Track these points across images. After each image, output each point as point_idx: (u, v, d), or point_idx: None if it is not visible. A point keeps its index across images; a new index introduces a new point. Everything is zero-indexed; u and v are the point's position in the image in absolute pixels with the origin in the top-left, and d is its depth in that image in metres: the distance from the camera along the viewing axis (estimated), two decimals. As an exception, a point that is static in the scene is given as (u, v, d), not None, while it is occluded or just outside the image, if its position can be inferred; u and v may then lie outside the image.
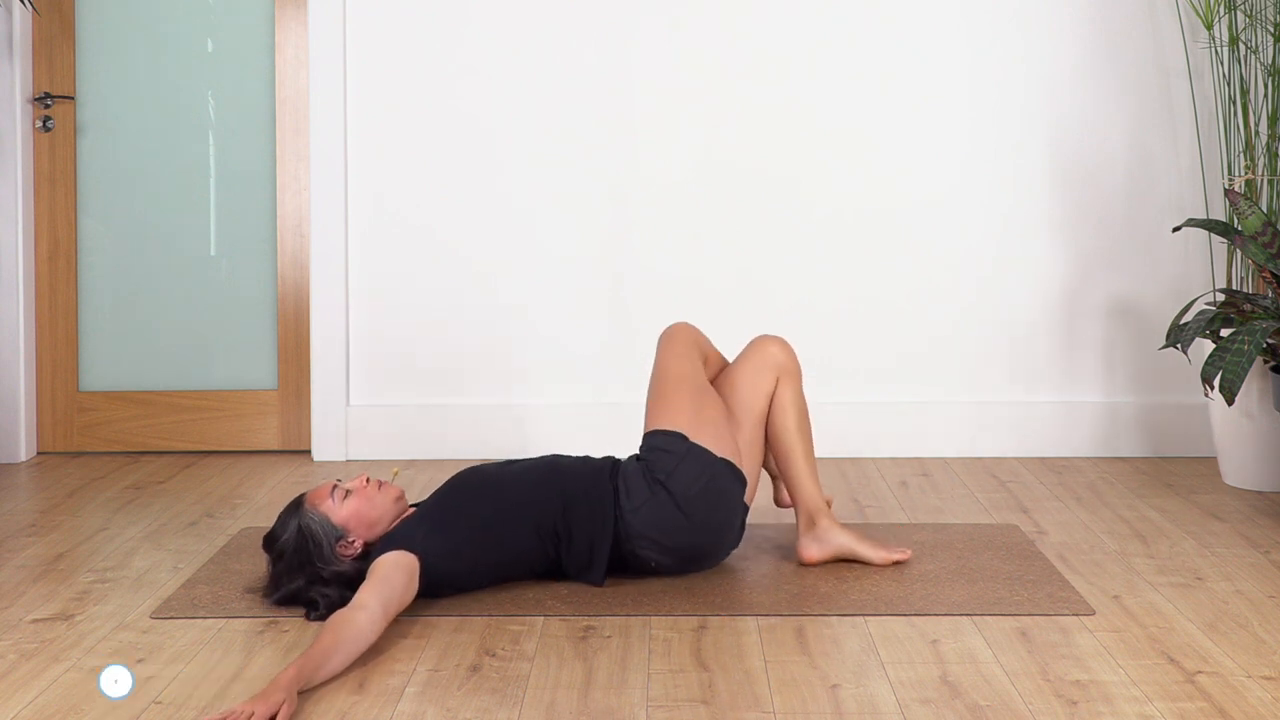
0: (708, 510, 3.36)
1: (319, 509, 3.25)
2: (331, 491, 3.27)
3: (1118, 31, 4.92)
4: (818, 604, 3.27)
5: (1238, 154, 4.74)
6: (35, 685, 2.81)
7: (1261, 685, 2.78)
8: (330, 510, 3.25)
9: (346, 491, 3.28)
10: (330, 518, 3.24)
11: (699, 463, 3.36)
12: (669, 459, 3.36)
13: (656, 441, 3.40)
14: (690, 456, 3.36)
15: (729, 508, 3.40)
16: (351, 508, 3.26)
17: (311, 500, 3.27)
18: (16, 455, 4.93)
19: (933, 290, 4.97)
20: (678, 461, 3.35)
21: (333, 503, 3.26)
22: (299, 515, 3.24)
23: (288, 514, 3.27)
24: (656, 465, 3.36)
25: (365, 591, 2.99)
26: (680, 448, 3.37)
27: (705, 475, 3.35)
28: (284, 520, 3.26)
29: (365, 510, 3.27)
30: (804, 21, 4.93)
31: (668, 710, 2.67)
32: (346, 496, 3.27)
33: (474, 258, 4.96)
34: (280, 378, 5.03)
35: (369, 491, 3.29)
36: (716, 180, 4.95)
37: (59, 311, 5.03)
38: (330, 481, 3.33)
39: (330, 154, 4.92)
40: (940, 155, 4.95)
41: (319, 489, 3.31)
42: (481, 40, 4.93)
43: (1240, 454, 4.43)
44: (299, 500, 3.29)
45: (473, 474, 3.40)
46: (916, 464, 4.86)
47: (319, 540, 3.21)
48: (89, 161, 5.02)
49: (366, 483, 3.30)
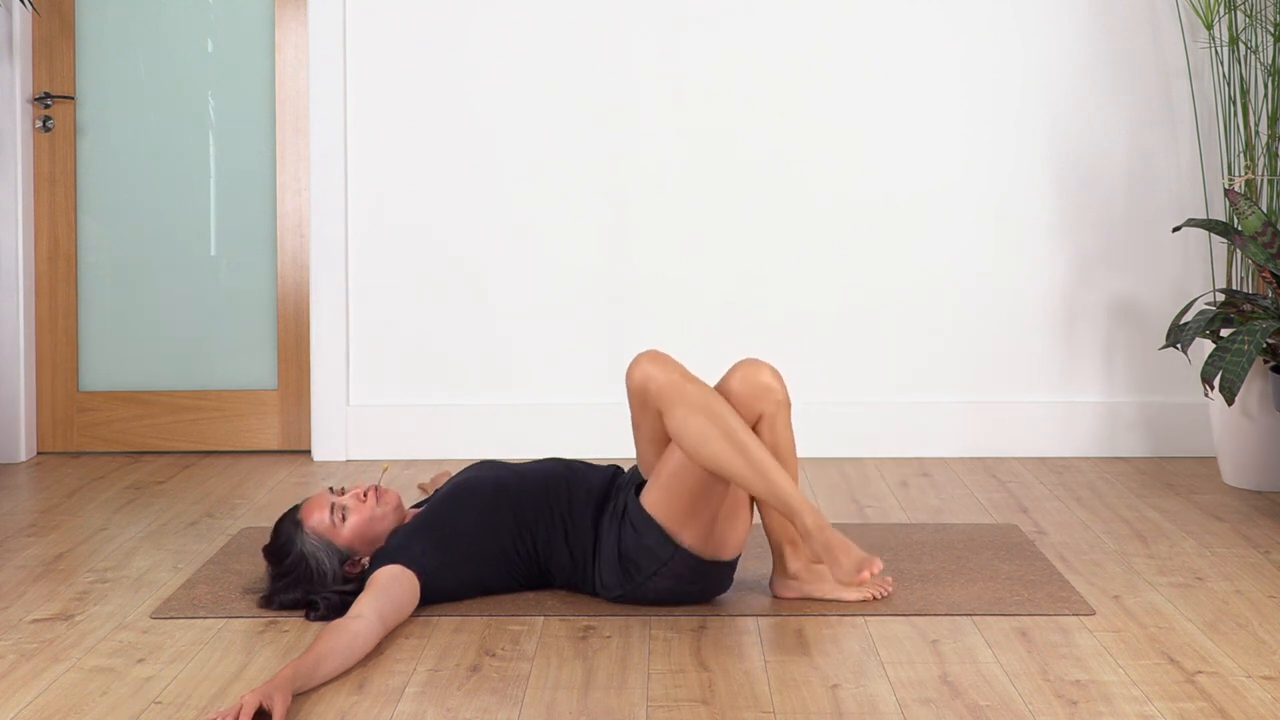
0: (683, 598, 3.26)
1: (320, 534, 3.20)
2: (330, 514, 3.21)
3: (1118, 31, 4.92)
4: (818, 604, 3.27)
5: (1238, 154, 4.74)
6: (35, 685, 2.81)
7: (1261, 685, 2.78)
8: (333, 535, 3.21)
9: (344, 511, 3.22)
10: (334, 542, 3.21)
11: (682, 567, 3.18)
12: (651, 562, 3.18)
13: (644, 531, 3.17)
14: (674, 562, 3.17)
15: (706, 591, 3.27)
16: (353, 528, 3.22)
17: (311, 525, 3.21)
18: (16, 455, 4.93)
19: (933, 290, 4.97)
20: (659, 566, 3.18)
21: (333, 526, 3.21)
22: (300, 539, 3.20)
23: (288, 534, 3.22)
24: (637, 563, 3.19)
25: (363, 602, 2.98)
26: (666, 553, 3.16)
27: (685, 579, 3.21)
28: (284, 540, 3.22)
29: (367, 528, 3.23)
30: (805, 24, 4.92)
31: (668, 710, 2.67)
32: (345, 518, 3.22)
33: (473, 257, 4.96)
34: (280, 378, 5.03)
35: (368, 507, 3.24)
36: (716, 180, 4.95)
37: (59, 311, 5.03)
38: (325, 496, 3.25)
39: (330, 154, 4.92)
40: (940, 155, 4.95)
41: (315, 504, 3.24)
42: (482, 40, 4.93)
43: (1240, 454, 4.43)
44: (297, 521, 3.23)
45: (473, 487, 3.30)
46: (916, 464, 4.86)
47: (324, 568, 3.18)
48: (89, 161, 5.03)
49: (364, 497, 3.25)
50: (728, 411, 3.08)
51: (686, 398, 3.07)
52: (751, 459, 3.04)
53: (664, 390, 3.09)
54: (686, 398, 3.07)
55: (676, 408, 3.07)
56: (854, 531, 3.90)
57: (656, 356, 3.13)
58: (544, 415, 4.96)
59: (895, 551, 3.70)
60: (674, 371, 3.11)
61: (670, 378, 3.10)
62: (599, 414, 4.95)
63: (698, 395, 3.08)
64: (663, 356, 3.14)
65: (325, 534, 3.20)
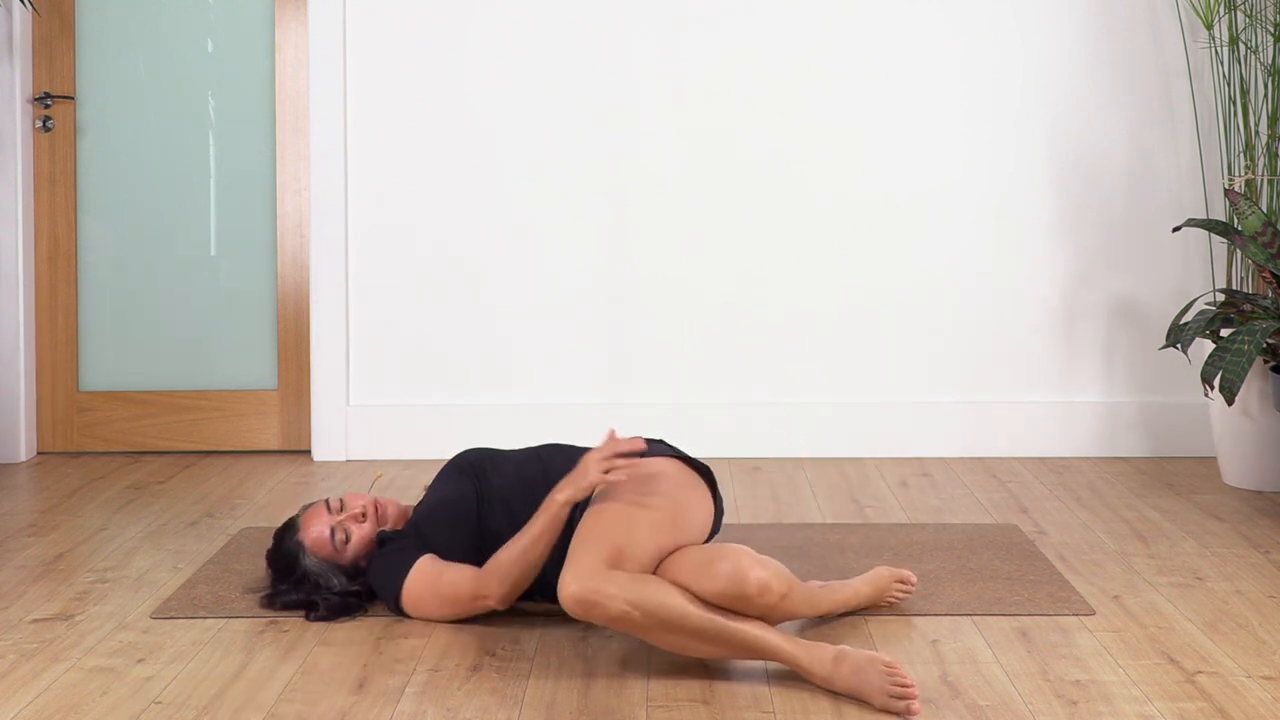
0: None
1: (322, 557, 3.21)
2: (332, 538, 3.20)
3: (1118, 31, 4.92)
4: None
5: (1238, 154, 4.74)
6: (35, 685, 2.81)
7: (1261, 685, 2.78)
8: (336, 558, 3.21)
9: (346, 533, 3.21)
10: (338, 563, 3.22)
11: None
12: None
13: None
14: None
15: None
16: (356, 549, 3.22)
17: (313, 549, 3.21)
18: (16, 455, 4.93)
19: (933, 290, 4.97)
20: None
21: (335, 551, 3.20)
22: (304, 560, 3.21)
23: (291, 553, 3.22)
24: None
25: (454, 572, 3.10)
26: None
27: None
28: (288, 560, 3.22)
29: (370, 547, 3.25)
30: (805, 24, 4.92)
31: (668, 710, 2.67)
32: (348, 539, 3.21)
33: (473, 257, 4.96)
34: (280, 378, 5.03)
35: (369, 526, 3.23)
36: (716, 180, 4.95)
37: (59, 311, 5.03)
38: (323, 514, 3.23)
39: (330, 154, 4.92)
40: (940, 155, 4.95)
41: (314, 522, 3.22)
42: (482, 40, 4.93)
43: (1240, 454, 4.43)
44: (298, 541, 3.22)
45: (459, 501, 3.21)
46: (916, 464, 4.85)
47: (330, 582, 3.20)
48: (89, 161, 5.02)
49: (363, 518, 3.23)
50: (681, 612, 2.75)
51: (638, 626, 2.76)
52: (731, 644, 2.78)
53: (614, 625, 2.78)
54: (638, 626, 2.76)
55: (638, 635, 2.79)
56: (854, 531, 3.90)
57: (583, 599, 2.73)
58: (544, 415, 4.96)
59: (895, 551, 3.70)
60: (614, 602, 2.74)
61: (611, 613, 2.74)
62: (599, 414, 4.95)
63: (645, 619, 2.75)
64: (590, 601, 2.74)
65: (328, 557, 3.21)
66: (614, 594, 2.72)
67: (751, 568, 2.73)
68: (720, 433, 4.96)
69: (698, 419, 4.95)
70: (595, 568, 2.74)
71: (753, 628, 2.76)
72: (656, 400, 4.97)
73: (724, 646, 2.77)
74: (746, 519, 4.09)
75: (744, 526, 3.98)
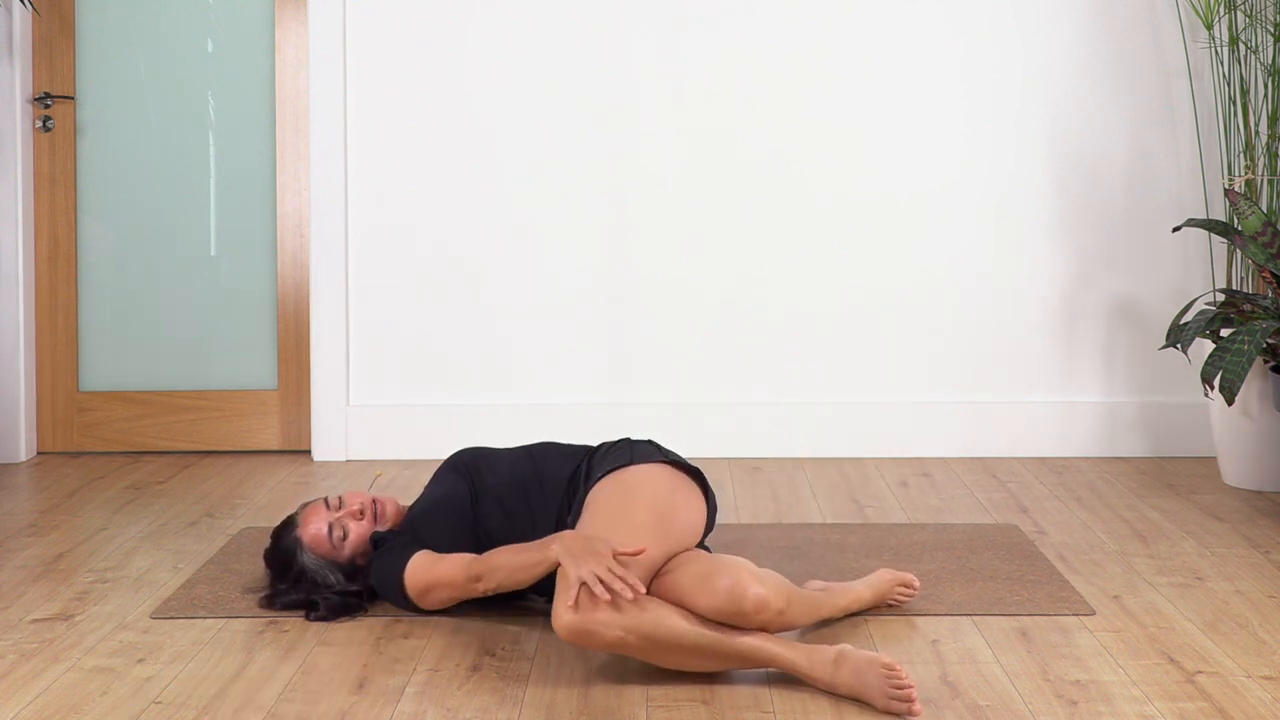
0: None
1: (320, 554, 3.21)
2: (330, 535, 3.21)
3: (1118, 31, 4.92)
4: (818, 604, 3.27)
5: (1238, 154, 4.74)
6: (35, 685, 2.81)
7: (1261, 685, 2.78)
8: (334, 555, 3.22)
9: (345, 530, 3.22)
10: (336, 561, 3.22)
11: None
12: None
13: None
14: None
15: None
16: (354, 546, 3.23)
17: (312, 546, 3.21)
18: (16, 455, 4.93)
19: (933, 290, 4.97)
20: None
21: (334, 548, 3.21)
22: (302, 557, 3.21)
23: (289, 551, 3.23)
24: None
25: (449, 560, 3.10)
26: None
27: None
28: (286, 559, 3.23)
29: (369, 545, 3.25)
30: (805, 24, 4.92)
31: (668, 710, 2.67)
32: (346, 536, 3.22)
33: (473, 257, 4.96)
34: (280, 378, 5.03)
35: (366, 524, 3.24)
36: (716, 180, 4.95)
37: (59, 311, 5.03)
38: (322, 511, 3.24)
39: (330, 154, 4.92)
40: (940, 155, 4.95)
41: (313, 519, 3.23)
42: (482, 40, 4.93)
43: (1240, 454, 4.43)
44: (296, 538, 3.23)
45: (454, 500, 3.23)
46: (916, 464, 4.85)
47: (328, 580, 3.21)
48: (89, 161, 5.02)
49: (361, 516, 3.24)
50: (678, 632, 2.75)
51: (634, 649, 2.75)
52: (731, 657, 2.77)
53: (611, 651, 2.77)
54: (634, 649, 2.75)
55: (636, 657, 2.79)
56: (854, 531, 3.90)
57: (577, 629, 2.71)
58: (544, 415, 4.96)
59: (895, 551, 3.70)
60: (609, 630, 2.73)
61: (607, 640, 2.73)
62: (599, 414, 4.95)
63: (642, 642, 2.74)
64: (584, 631, 2.72)
65: (327, 555, 3.22)
66: (608, 621, 2.71)
67: (750, 584, 2.73)
68: (720, 433, 4.96)
69: (698, 419, 4.95)
70: (586, 594, 2.73)
71: (751, 639, 2.76)
72: (656, 400, 4.97)
73: (723, 660, 2.78)
74: (746, 519, 4.09)
75: (744, 526, 3.98)
